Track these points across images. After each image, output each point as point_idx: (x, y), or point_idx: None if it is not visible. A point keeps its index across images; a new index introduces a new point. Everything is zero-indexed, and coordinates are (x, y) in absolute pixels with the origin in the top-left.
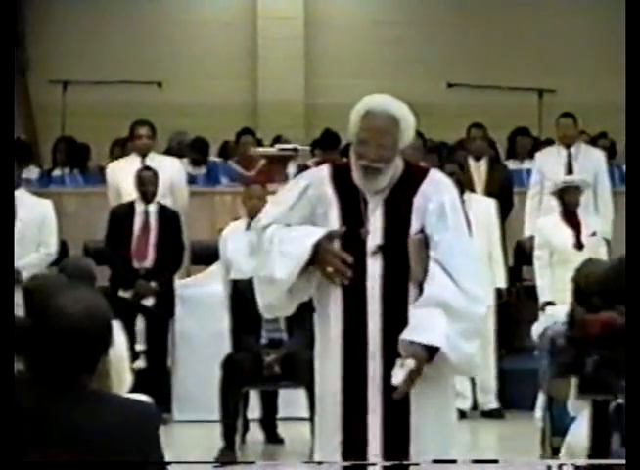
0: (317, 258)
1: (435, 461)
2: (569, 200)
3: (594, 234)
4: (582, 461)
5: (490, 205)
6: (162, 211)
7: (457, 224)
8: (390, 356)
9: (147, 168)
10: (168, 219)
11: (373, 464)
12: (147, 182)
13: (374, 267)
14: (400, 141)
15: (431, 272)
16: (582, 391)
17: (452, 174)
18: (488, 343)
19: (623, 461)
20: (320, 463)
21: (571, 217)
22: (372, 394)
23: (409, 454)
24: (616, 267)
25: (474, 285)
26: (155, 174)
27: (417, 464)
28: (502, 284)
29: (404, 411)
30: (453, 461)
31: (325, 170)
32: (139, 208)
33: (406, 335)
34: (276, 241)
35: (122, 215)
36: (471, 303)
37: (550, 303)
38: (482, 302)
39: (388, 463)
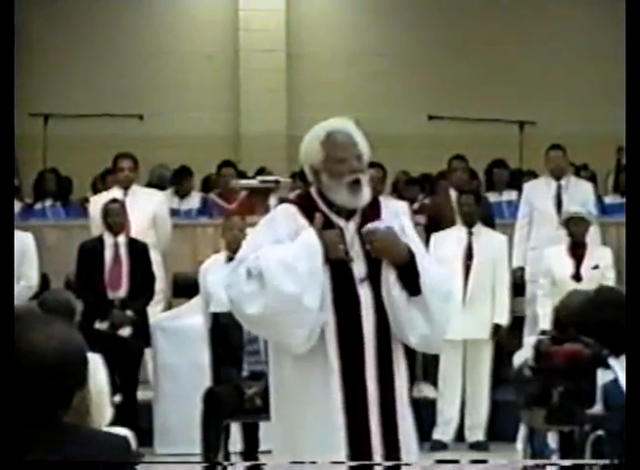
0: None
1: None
2: (575, 231)
3: (596, 267)
4: (555, 461)
5: (502, 241)
6: (132, 243)
7: (418, 242)
8: (385, 383)
9: (114, 201)
10: (138, 251)
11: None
12: (114, 214)
13: (365, 296)
14: (365, 154)
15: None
16: (549, 421)
17: (464, 205)
18: (483, 379)
19: (596, 461)
20: (302, 463)
21: (576, 249)
22: (372, 418)
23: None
24: (591, 300)
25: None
26: (122, 206)
27: (409, 464)
28: (504, 321)
29: (394, 419)
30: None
31: (291, 207)
32: (108, 241)
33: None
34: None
35: (92, 250)
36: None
37: (546, 332)
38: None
39: (386, 463)
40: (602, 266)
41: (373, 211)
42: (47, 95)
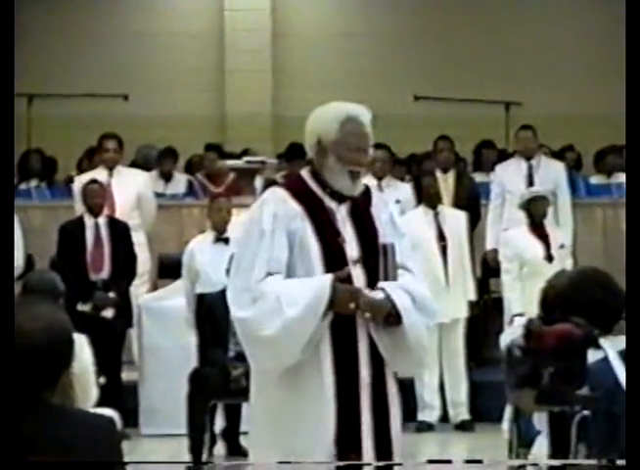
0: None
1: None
2: (535, 211)
3: (562, 246)
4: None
5: (461, 217)
6: (112, 223)
7: (404, 231)
8: (377, 361)
9: (93, 181)
10: (119, 231)
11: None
12: (93, 195)
13: (358, 277)
14: (371, 148)
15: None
16: (539, 402)
17: (429, 186)
18: (458, 356)
19: (585, 461)
20: (293, 463)
21: (538, 229)
22: (364, 398)
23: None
24: (575, 279)
25: (426, 288)
26: (101, 187)
27: (400, 464)
28: (472, 296)
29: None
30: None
31: (281, 190)
32: (89, 222)
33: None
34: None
35: (72, 231)
36: (430, 301)
37: (520, 314)
38: (433, 301)
39: (379, 463)
40: (567, 245)
41: (364, 197)
42: (31, 75)
